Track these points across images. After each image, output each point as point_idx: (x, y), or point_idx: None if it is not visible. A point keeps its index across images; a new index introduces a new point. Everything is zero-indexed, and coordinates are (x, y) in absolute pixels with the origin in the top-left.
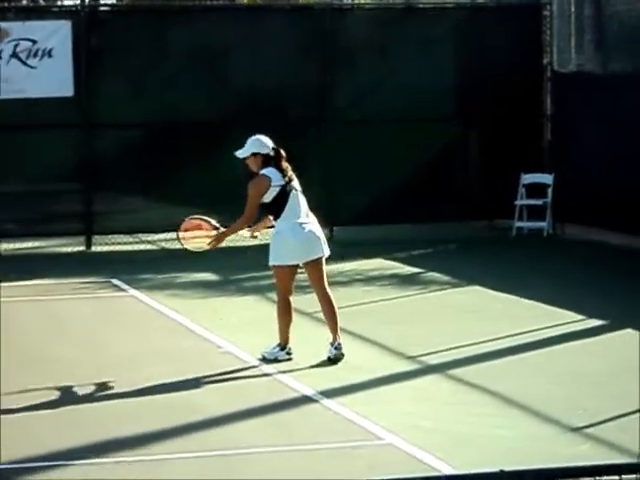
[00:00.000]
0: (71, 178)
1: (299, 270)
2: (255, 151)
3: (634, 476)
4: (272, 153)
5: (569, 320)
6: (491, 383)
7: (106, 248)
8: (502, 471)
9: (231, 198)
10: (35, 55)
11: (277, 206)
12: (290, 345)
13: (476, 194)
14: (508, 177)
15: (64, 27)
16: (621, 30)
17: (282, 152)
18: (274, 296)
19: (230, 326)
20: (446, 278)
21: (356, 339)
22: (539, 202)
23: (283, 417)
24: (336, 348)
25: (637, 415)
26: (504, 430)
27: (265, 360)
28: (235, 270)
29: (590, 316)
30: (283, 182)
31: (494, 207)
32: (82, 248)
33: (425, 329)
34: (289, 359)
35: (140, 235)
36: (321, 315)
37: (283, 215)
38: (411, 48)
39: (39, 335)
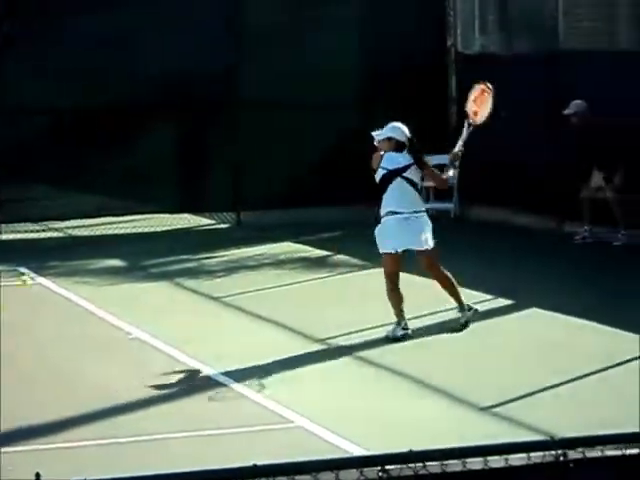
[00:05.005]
0: None
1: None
2: (390, 135)
3: (541, 453)
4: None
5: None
6: (402, 365)
7: (12, 236)
8: (411, 451)
9: (141, 183)
10: None
11: (378, 191)
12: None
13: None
14: None
15: None
16: None
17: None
18: (183, 282)
19: (139, 313)
20: (354, 260)
21: (264, 323)
22: None
23: (189, 403)
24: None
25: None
26: (414, 411)
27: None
28: (143, 256)
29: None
30: (392, 168)
31: None
32: None
33: (333, 312)
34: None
35: (47, 223)
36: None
37: (383, 203)
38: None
39: None
